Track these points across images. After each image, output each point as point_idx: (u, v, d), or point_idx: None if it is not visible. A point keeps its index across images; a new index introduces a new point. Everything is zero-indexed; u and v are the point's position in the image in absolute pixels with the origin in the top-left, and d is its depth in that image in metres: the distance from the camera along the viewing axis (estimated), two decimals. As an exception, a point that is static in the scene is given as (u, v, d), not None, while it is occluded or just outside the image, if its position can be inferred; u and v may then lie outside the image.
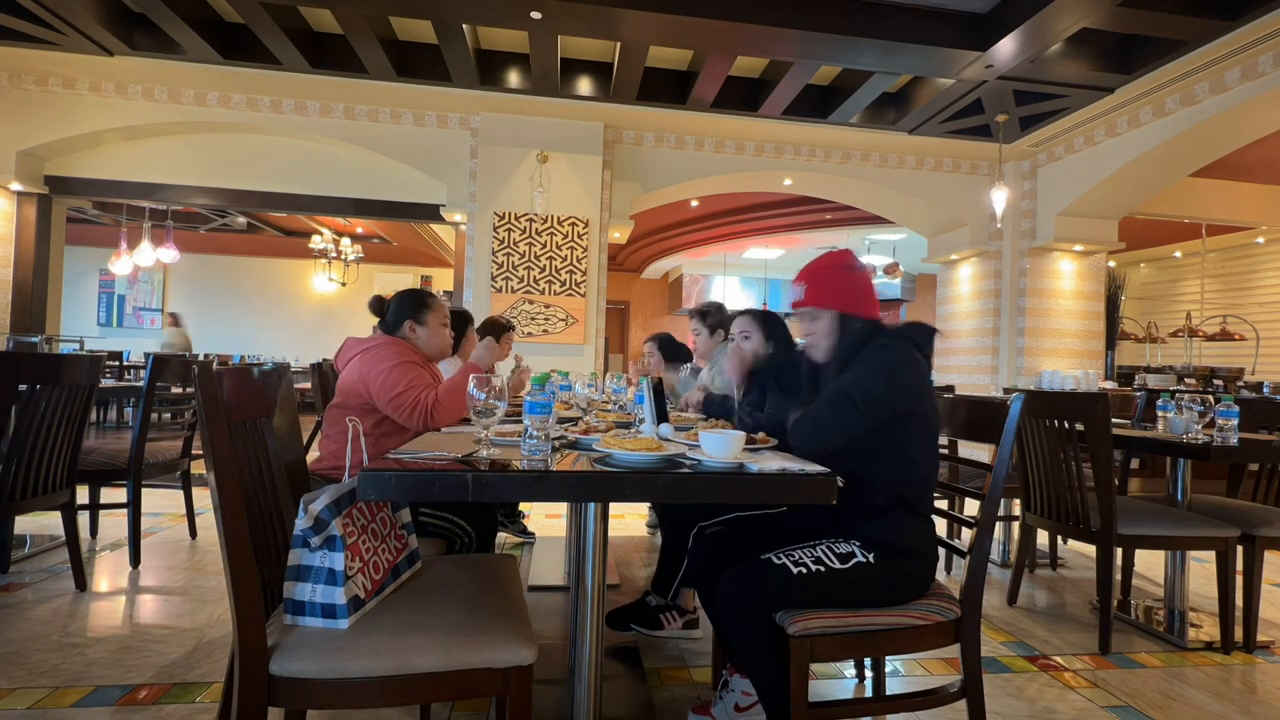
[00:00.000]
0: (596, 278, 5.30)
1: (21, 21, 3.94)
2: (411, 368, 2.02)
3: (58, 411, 2.35)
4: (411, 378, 1.98)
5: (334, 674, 1.09)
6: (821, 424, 1.45)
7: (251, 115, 5.05)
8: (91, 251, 10.23)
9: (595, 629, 1.34)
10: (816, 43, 3.85)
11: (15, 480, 2.26)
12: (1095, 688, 2.04)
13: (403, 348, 2.09)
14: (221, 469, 1.10)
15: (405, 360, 2.03)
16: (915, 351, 1.51)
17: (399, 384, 1.96)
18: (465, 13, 3.73)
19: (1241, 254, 8.02)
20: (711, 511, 2.00)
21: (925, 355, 1.55)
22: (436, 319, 2.22)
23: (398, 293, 2.25)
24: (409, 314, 2.19)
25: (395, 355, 2.03)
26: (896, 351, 1.49)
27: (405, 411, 1.94)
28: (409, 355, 2.07)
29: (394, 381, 1.96)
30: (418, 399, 1.94)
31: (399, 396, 1.94)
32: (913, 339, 1.55)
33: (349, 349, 2.11)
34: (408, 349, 2.11)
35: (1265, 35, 3.75)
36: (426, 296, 2.24)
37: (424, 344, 2.20)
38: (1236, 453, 2.24)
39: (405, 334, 2.18)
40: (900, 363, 1.48)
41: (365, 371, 1.99)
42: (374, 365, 1.99)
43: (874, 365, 1.47)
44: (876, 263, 9.83)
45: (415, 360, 2.08)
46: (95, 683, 1.85)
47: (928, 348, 1.57)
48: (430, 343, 2.21)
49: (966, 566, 1.49)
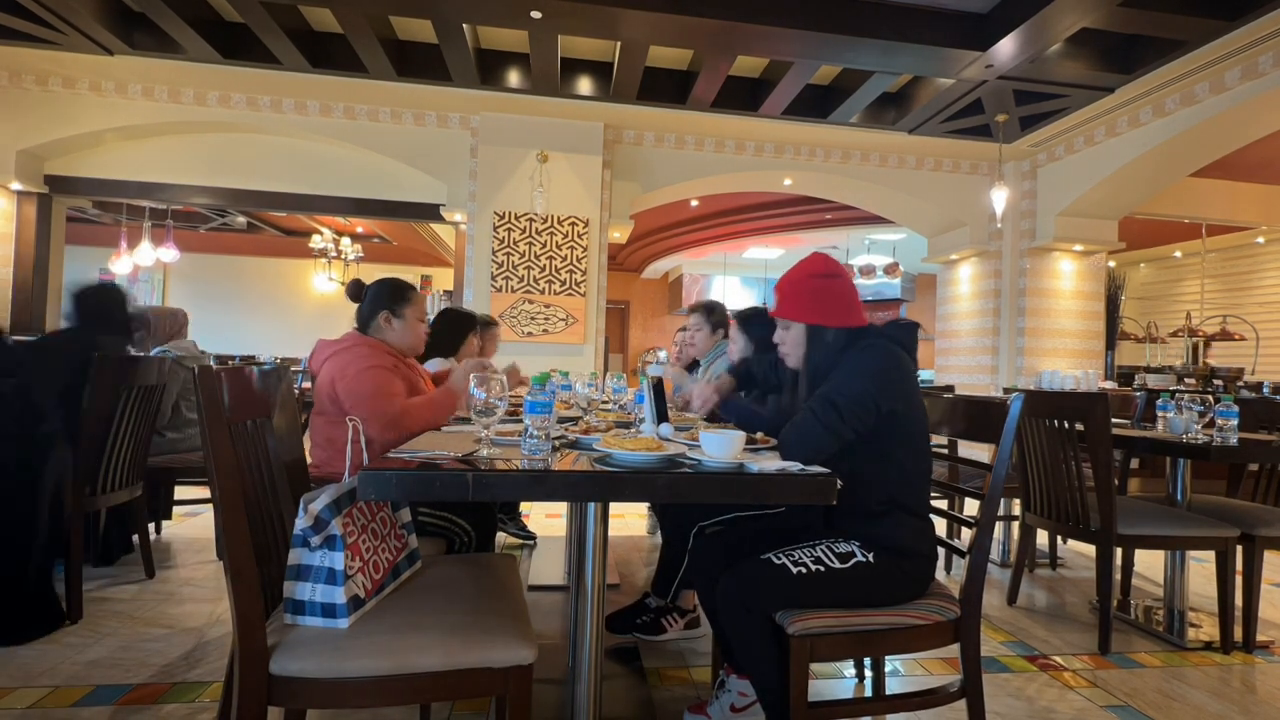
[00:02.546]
0: (596, 277, 5.30)
1: (21, 21, 3.94)
2: (380, 373, 1.91)
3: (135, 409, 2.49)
4: (379, 383, 1.89)
5: (334, 673, 1.09)
6: (808, 433, 1.41)
7: (251, 115, 5.04)
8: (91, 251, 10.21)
9: (595, 629, 1.34)
10: (816, 43, 3.84)
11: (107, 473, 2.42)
12: (1095, 687, 2.04)
13: (374, 348, 1.98)
14: (221, 469, 1.10)
15: (374, 364, 1.92)
16: (899, 351, 1.50)
17: (365, 390, 1.87)
18: (465, 12, 3.73)
19: (1241, 254, 8.02)
20: (711, 511, 2.01)
21: (910, 353, 1.54)
22: (414, 313, 2.11)
23: (376, 280, 2.14)
24: (385, 304, 2.07)
25: (365, 358, 1.93)
26: (880, 352, 1.48)
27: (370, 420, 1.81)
28: (379, 358, 1.96)
29: (361, 388, 1.87)
30: (383, 408, 1.84)
31: (364, 403, 1.84)
32: (895, 338, 1.54)
33: (320, 351, 2.00)
34: (379, 349, 2.00)
35: (1265, 35, 3.75)
36: (406, 289, 2.13)
37: (397, 338, 2.08)
38: (1236, 453, 2.24)
39: (379, 325, 2.07)
40: (883, 364, 1.47)
41: (335, 376, 1.91)
42: (343, 369, 1.90)
43: (856, 368, 1.46)
44: (876, 263, 9.83)
45: (385, 364, 1.96)
46: (95, 682, 1.86)
47: (912, 345, 1.56)
48: (404, 338, 2.09)
49: (966, 566, 1.49)
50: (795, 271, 1.63)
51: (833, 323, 1.56)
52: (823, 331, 1.56)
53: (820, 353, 1.56)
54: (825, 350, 1.56)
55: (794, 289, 1.60)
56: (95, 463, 2.35)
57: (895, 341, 1.52)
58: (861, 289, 10.71)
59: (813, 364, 1.57)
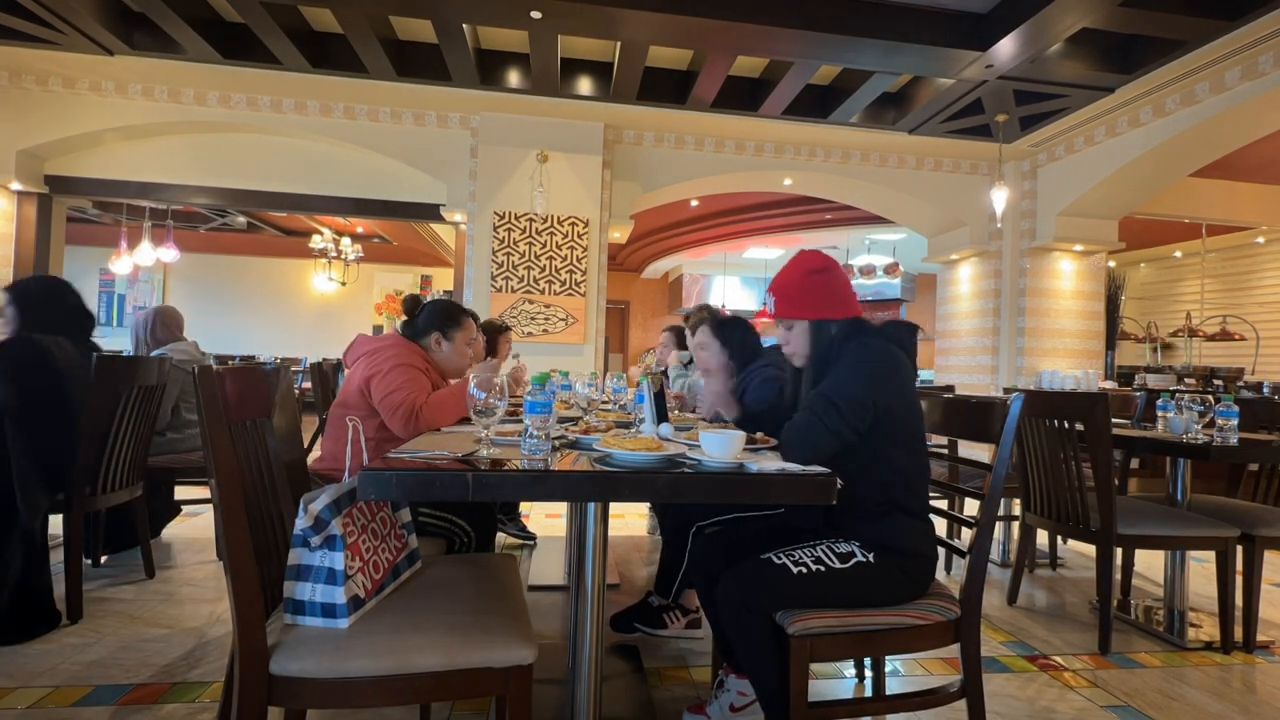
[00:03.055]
0: (596, 277, 5.30)
1: (22, 21, 3.94)
2: (411, 370, 1.99)
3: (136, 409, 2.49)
4: (407, 379, 1.96)
5: (334, 673, 1.09)
6: (809, 434, 1.42)
7: (251, 115, 5.04)
8: (92, 251, 10.22)
9: (595, 629, 1.34)
10: (817, 42, 3.84)
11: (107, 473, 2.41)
12: (1095, 687, 2.04)
13: (413, 352, 2.07)
14: (221, 469, 1.10)
15: (407, 363, 2.00)
16: (896, 349, 1.51)
17: (393, 383, 1.94)
18: (465, 12, 3.73)
19: (1241, 254, 8.02)
20: (711, 511, 2.00)
21: (908, 353, 1.55)
22: (464, 338, 2.20)
23: (434, 300, 2.23)
24: (438, 325, 2.18)
25: (400, 357, 2.01)
26: (877, 350, 1.48)
27: (391, 411, 1.91)
28: (415, 360, 2.04)
29: (390, 381, 1.94)
30: (405, 399, 1.91)
31: (390, 395, 1.92)
32: (894, 338, 1.54)
33: (359, 346, 2.09)
34: (418, 355, 2.08)
35: (1266, 35, 3.75)
36: (460, 314, 2.22)
37: (443, 359, 2.18)
38: (1236, 453, 2.24)
39: (429, 344, 2.16)
40: (881, 361, 1.47)
41: (370, 370, 1.98)
42: (378, 365, 1.98)
43: (853, 364, 1.47)
44: (876, 263, 9.83)
45: (419, 366, 2.05)
46: (95, 682, 1.86)
47: (910, 345, 1.57)
48: (451, 360, 2.19)
49: (966, 566, 1.49)
50: (789, 271, 1.63)
51: (835, 315, 1.58)
52: (827, 325, 1.58)
53: (825, 346, 1.58)
54: (830, 343, 1.57)
55: (792, 288, 1.60)
56: (95, 463, 2.34)
57: (894, 341, 1.53)
58: (861, 289, 10.73)
59: (819, 358, 1.58)
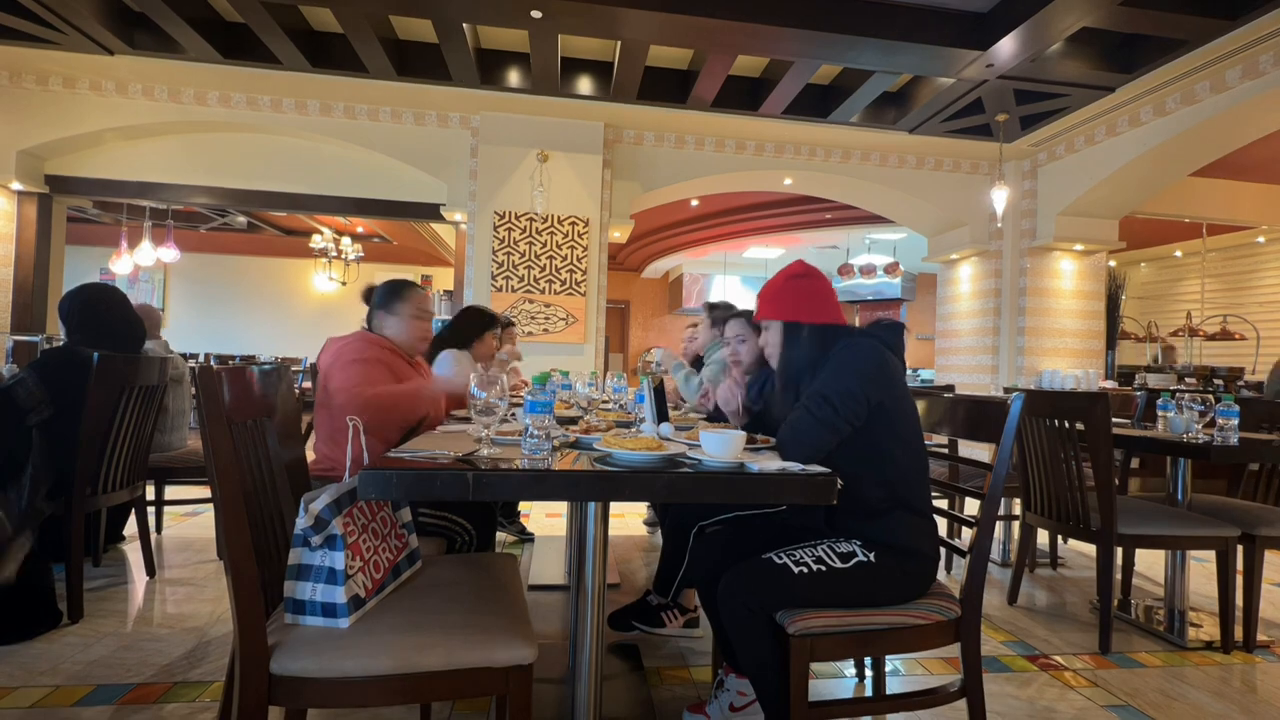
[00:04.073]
0: (597, 277, 5.30)
1: (22, 21, 3.94)
2: (366, 365, 2.00)
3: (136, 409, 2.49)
4: (363, 373, 1.96)
5: (334, 673, 1.09)
6: (804, 430, 1.43)
7: (251, 115, 5.04)
8: (92, 251, 10.22)
9: (595, 628, 1.34)
10: (817, 42, 3.84)
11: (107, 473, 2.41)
12: (1095, 687, 2.04)
13: (370, 343, 2.08)
14: (221, 468, 1.10)
15: (363, 357, 2.01)
16: (884, 349, 1.52)
17: (348, 380, 1.95)
18: (465, 12, 3.72)
19: (1242, 254, 8.01)
20: (712, 511, 2.00)
21: (896, 353, 1.56)
22: (408, 309, 2.20)
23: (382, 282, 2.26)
24: (380, 303, 2.20)
25: (357, 351, 2.02)
26: (866, 350, 1.50)
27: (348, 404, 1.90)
28: (373, 351, 2.06)
29: (344, 378, 1.96)
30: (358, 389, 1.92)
31: (342, 390, 1.93)
32: (879, 337, 1.56)
33: (326, 348, 2.10)
34: (376, 344, 2.10)
35: (1266, 35, 3.75)
36: (402, 287, 2.22)
37: (394, 334, 2.19)
38: (1236, 452, 2.24)
39: (379, 323, 2.19)
40: (872, 358, 1.48)
41: (328, 367, 2.00)
42: (335, 360, 2.00)
43: (841, 363, 1.49)
44: (876, 263, 9.83)
45: (378, 357, 2.06)
46: (96, 682, 1.86)
47: (898, 345, 1.58)
48: (400, 333, 2.19)
49: (966, 566, 1.49)
50: (774, 277, 1.69)
51: (806, 319, 1.60)
52: (798, 328, 1.60)
53: (795, 348, 1.60)
54: (800, 346, 1.59)
55: (772, 292, 1.66)
56: (95, 463, 2.34)
57: (881, 342, 1.54)
58: (861, 289, 10.73)
59: (788, 360, 1.61)
